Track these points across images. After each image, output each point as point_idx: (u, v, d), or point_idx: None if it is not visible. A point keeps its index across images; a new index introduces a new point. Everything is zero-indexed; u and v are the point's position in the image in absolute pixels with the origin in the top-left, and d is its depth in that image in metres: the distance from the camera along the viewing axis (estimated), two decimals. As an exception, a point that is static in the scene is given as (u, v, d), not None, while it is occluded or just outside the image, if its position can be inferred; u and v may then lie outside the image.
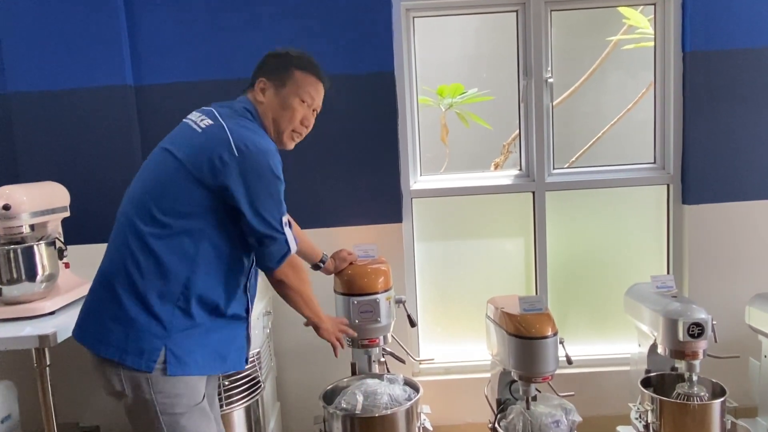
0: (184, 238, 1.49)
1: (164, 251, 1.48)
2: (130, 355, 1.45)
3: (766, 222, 2.69)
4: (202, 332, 1.54)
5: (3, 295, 1.98)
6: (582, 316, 2.90)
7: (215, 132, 1.51)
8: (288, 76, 1.65)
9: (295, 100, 1.65)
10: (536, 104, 2.72)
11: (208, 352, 1.56)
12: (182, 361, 1.47)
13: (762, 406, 2.46)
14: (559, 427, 2.11)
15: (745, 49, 2.59)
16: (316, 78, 1.70)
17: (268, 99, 1.65)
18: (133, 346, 1.45)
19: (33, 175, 2.42)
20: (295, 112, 1.65)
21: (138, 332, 1.46)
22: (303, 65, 1.68)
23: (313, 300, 1.76)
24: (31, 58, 2.48)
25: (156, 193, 1.51)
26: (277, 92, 1.64)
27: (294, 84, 1.65)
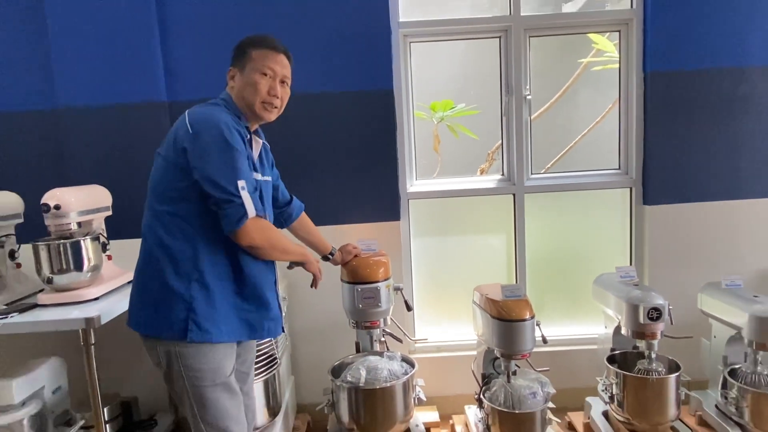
0: (179, 220, 1.52)
1: (168, 237, 1.52)
2: (160, 329, 1.52)
3: (715, 220, 2.72)
4: (222, 301, 1.54)
5: (54, 283, 2.00)
6: (556, 302, 2.94)
7: (179, 120, 1.55)
8: (247, 58, 1.60)
9: (256, 75, 1.59)
10: (516, 118, 2.76)
11: (232, 320, 1.56)
12: (203, 329, 1.49)
13: (712, 380, 2.49)
14: (536, 398, 2.15)
15: (698, 70, 2.62)
16: (271, 50, 1.62)
17: (237, 82, 1.62)
18: (162, 321, 1.51)
19: (80, 178, 2.44)
20: (258, 85, 1.58)
21: (165, 309, 1.51)
22: (257, 43, 1.62)
23: (290, 247, 1.67)
24: (78, 77, 2.48)
25: (153, 190, 1.57)
26: (241, 74, 1.61)
27: (252, 62, 1.59)
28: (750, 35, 2.61)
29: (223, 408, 1.54)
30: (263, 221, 1.55)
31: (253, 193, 1.52)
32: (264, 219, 1.55)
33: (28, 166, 2.61)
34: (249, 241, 1.50)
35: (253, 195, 1.51)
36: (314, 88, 2.59)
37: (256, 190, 1.55)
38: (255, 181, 1.57)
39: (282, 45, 1.66)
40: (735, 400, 2.26)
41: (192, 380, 1.52)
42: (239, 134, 1.52)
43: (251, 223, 1.48)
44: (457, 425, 2.55)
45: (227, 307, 1.55)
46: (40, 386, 2.18)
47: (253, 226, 1.49)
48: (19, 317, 1.91)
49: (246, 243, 1.50)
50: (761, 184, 2.72)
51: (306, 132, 2.63)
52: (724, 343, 2.41)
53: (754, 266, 2.75)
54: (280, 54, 1.63)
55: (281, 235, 1.63)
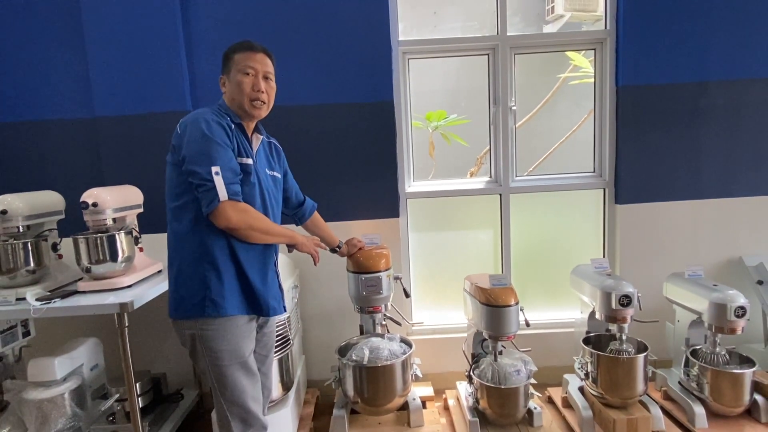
0: (186, 212, 1.50)
1: (180, 229, 1.52)
2: (183, 310, 1.51)
3: (679, 218, 2.71)
4: (230, 279, 1.52)
5: (92, 272, 2.00)
6: (537, 290, 2.92)
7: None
8: (231, 63, 1.57)
9: (239, 75, 1.55)
10: (503, 126, 2.74)
11: (239, 297, 1.54)
12: (217, 304, 1.48)
13: (675, 360, 2.50)
14: (519, 374, 2.16)
15: (665, 84, 2.60)
16: (249, 50, 1.57)
17: (227, 87, 1.59)
18: (183, 303, 1.51)
19: (115, 179, 2.46)
20: (242, 85, 1.54)
21: (184, 291, 1.51)
22: (236, 48, 1.58)
23: (275, 229, 1.59)
24: (113, 89, 2.47)
25: (166, 190, 1.56)
26: (229, 79, 1.58)
27: (235, 65, 1.56)
28: (709, 54, 2.60)
29: (240, 385, 1.52)
30: (240, 204, 1.47)
31: (234, 177, 1.47)
32: (241, 203, 1.48)
33: (69, 168, 2.60)
34: (225, 222, 1.44)
35: (233, 179, 1.46)
36: (324, 100, 2.59)
37: (238, 175, 1.49)
38: (239, 168, 1.51)
39: (260, 45, 1.60)
40: (696, 377, 2.27)
41: (213, 360, 1.50)
42: (221, 127, 1.48)
43: (225, 206, 1.42)
44: (449, 399, 2.55)
45: (234, 285, 1.54)
46: (80, 364, 2.20)
47: (227, 207, 1.43)
48: (61, 302, 1.90)
49: (222, 224, 1.45)
50: (719, 186, 2.70)
51: (317, 139, 2.62)
52: (686, 326, 2.40)
53: (713, 258, 2.74)
54: (258, 53, 1.58)
55: (262, 218, 1.54)
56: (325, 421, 2.32)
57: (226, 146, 1.47)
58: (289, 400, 2.16)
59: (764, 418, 2.17)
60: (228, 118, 1.54)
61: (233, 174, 1.47)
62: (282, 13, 2.50)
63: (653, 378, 2.42)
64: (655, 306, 2.51)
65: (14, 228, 2.00)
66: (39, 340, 2.33)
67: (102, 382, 2.30)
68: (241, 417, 1.52)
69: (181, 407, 2.41)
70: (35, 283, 2.02)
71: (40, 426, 2.03)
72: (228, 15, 2.49)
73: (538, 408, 2.20)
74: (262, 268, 1.60)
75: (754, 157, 2.65)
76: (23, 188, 2.20)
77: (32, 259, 2.02)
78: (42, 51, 2.52)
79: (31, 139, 2.57)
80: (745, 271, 2.64)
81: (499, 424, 2.20)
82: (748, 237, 2.70)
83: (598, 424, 2.21)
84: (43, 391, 2.02)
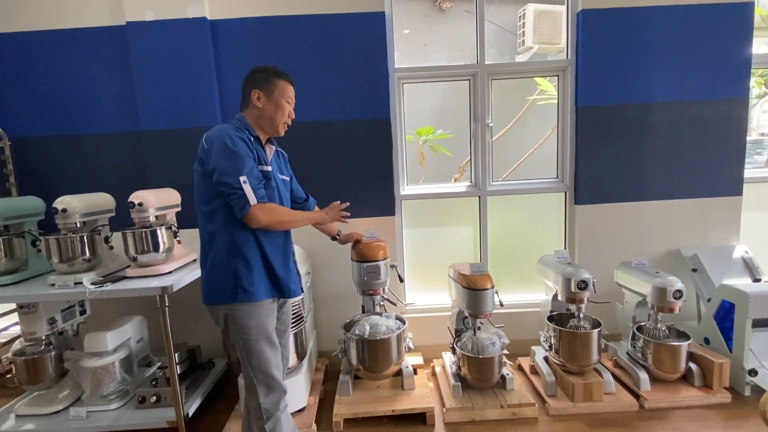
0: (216, 214, 1.50)
1: (212, 228, 1.51)
2: (217, 297, 1.51)
3: (627, 216, 2.70)
4: (258, 270, 1.51)
5: (137, 261, 2.03)
6: (510, 276, 2.92)
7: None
8: (274, 85, 1.55)
9: (282, 102, 1.56)
10: (481, 140, 2.74)
11: (266, 283, 1.54)
12: (248, 291, 1.48)
13: (624, 334, 2.52)
14: (494, 346, 2.18)
15: (616, 105, 2.61)
16: (291, 84, 1.61)
17: (264, 104, 1.55)
18: (217, 291, 1.50)
19: (157, 183, 2.46)
20: (284, 110, 1.57)
21: (218, 281, 1.50)
22: (282, 75, 1.58)
23: (297, 216, 1.60)
24: (155, 108, 2.47)
25: (195, 195, 1.54)
26: (268, 98, 1.55)
27: (279, 90, 1.56)
28: (653, 80, 2.61)
29: (265, 356, 1.53)
30: (267, 204, 1.48)
31: (258, 183, 1.48)
32: (267, 203, 1.49)
33: (118, 173, 2.60)
34: (257, 223, 1.46)
35: (258, 186, 1.47)
36: (332, 117, 2.58)
37: (261, 181, 1.50)
38: (261, 175, 1.51)
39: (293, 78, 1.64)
40: (641, 348, 2.29)
41: (242, 335, 1.51)
42: (243, 141, 1.48)
43: (255, 209, 1.44)
44: (436, 367, 2.56)
45: (262, 274, 1.53)
46: (127, 337, 2.22)
47: (257, 210, 1.44)
48: (112, 286, 1.93)
49: (255, 225, 1.47)
50: (661, 190, 2.71)
51: (326, 149, 2.61)
52: (633, 306, 2.43)
53: (656, 250, 2.75)
54: (293, 85, 1.63)
55: (286, 211, 1.58)
56: (333, 385, 2.34)
57: (249, 157, 1.46)
58: (303, 368, 2.18)
59: (697, 383, 2.20)
60: (247, 132, 1.52)
61: (257, 180, 1.47)
62: (297, 44, 2.50)
63: (605, 349, 2.44)
64: (608, 289, 2.54)
65: (72, 224, 2.02)
66: (93, 318, 2.35)
67: (146, 353, 2.32)
68: (265, 382, 1.53)
69: (212, 374, 2.43)
70: (90, 270, 2.05)
71: (95, 389, 2.07)
72: (252, 47, 2.50)
73: (510, 374, 2.23)
74: (284, 258, 1.60)
75: (690, 166, 2.66)
76: (80, 191, 2.21)
77: (88, 249, 2.04)
78: (95, 75, 2.52)
79: (87, 149, 2.57)
80: (682, 261, 2.67)
81: (477, 388, 2.23)
82: (684, 232, 2.71)
83: (559, 387, 2.24)
84: (97, 359, 2.05)
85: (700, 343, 2.46)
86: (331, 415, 2.10)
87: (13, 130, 2.55)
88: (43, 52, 2.51)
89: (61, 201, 2.02)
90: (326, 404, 2.27)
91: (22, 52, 2.51)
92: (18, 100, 2.54)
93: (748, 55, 2.59)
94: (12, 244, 2.10)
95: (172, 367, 1.95)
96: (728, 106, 2.63)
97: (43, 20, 2.49)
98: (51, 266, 2.10)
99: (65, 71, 2.53)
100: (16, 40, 2.50)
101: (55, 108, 2.55)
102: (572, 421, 2.07)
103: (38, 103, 2.54)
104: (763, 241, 2.84)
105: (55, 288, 1.94)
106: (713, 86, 2.61)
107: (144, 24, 2.41)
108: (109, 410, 2.10)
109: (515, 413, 2.10)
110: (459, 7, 3.08)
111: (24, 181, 2.57)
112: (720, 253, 2.65)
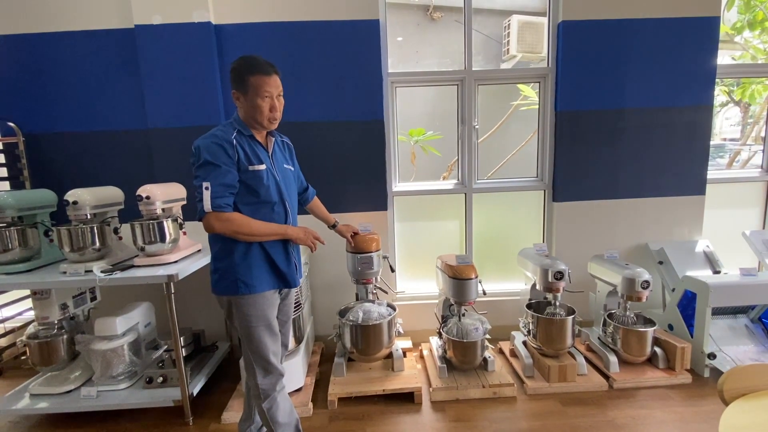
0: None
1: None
2: (222, 289, 1.46)
3: (601, 212, 2.70)
4: (258, 264, 1.46)
5: (145, 250, 2.01)
6: (492, 266, 2.92)
7: None
8: (247, 83, 1.39)
9: (257, 99, 1.40)
10: (468, 141, 2.73)
11: (266, 276, 1.49)
12: (248, 284, 1.44)
13: (596, 320, 2.54)
14: (477, 331, 2.18)
15: (591, 110, 2.58)
16: (265, 75, 1.39)
17: (242, 104, 1.43)
18: (222, 283, 1.46)
19: (164, 177, 2.44)
20: (261, 108, 1.41)
21: (221, 273, 1.46)
22: (251, 70, 1.39)
23: (262, 229, 1.42)
24: (162, 107, 2.42)
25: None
26: (244, 98, 1.41)
27: (252, 88, 1.39)
28: (626, 88, 2.60)
29: (263, 342, 1.49)
30: (224, 214, 1.36)
31: (224, 191, 1.36)
32: (225, 213, 1.36)
33: (127, 168, 2.56)
34: (209, 229, 1.38)
35: (221, 193, 1.35)
36: (329, 118, 2.55)
37: (229, 188, 1.37)
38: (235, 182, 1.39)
39: (272, 66, 1.42)
40: (611, 334, 2.30)
41: (244, 322, 1.47)
42: (220, 147, 1.36)
43: (209, 216, 1.35)
44: (424, 350, 2.56)
45: (263, 267, 1.48)
46: (136, 322, 2.20)
47: (211, 218, 1.35)
48: (121, 274, 1.90)
49: (209, 231, 1.39)
50: (632, 189, 2.70)
51: (324, 148, 2.58)
52: (605, 295, 2.44)
53: (626, 244, 2.75)
54: (272, 76, 1.41)
55: (248, 223, 1.40)
56: (328, 367, 2.33)
57: (221, 164, 1.35)
58: (301, 351, 2.17)
59: (661, 365, 2.23)
60: (236, 133, 1.42)
61: (224, 188, 1.35)
62: (297, 49, 2.47)
63: (579, 334, 2.46)
64: (581, 280, 2.57)
65: (83, 215, 1.99)
66: (103, 303, 2.33)
67: (153, 336, 2.30)
68: (263, 366, 1.50)
69: (215, 356, 2.41)
70: (100, 259, 2.02)
71: (105, 370, 2.05)
72: (254, 50, 2.42)
73: (492, 357, 2.24)
74: (285, 252, 1.53)
75: (658, 167, 2.67)
76: (91, 184, 2.18)
77: (98, 239, 2.01)
78: (105, 75, 2.47)
79: (98, 145, 2.53)
80: (649, 254, 2.69)
81: (461, 369, 2.23)
82: (652, 228, 2.72)
83: (536, 369, 2.26)
84: (107, 343, 2.03)
85: (665, 329, 2.48)
86: (327, 395, 2.10)
87: (27, 126, 2.50)
88: (56, 53, 2.45)
89: (72, 194, 1.99)
90: (322, 384, 2.27)
91: (36, 52, 2.45)
92: (32, 98, 2.48)
93: (713, 66, 2.60)
94: (26, 234, 2.06)
95: (177, 349, 1.95)
96: (694, 113, 2.63)
97: (56, 22, 2.43)
98: (63, 255, 2.07)
99: (77, 71, 2.48)
100: (30, 41, 2.44)
101: (67, 106, 2.50)
102: (548, 399, 2.09)
103: (51, 101, 2.49)
104: (723, 237, 2.87)
105: (66, 275, 1.91)
106: (681, 94, 2.61)
107: (152, 27, 2.36)
108: (118, 390, 2.09)
109: (496, 392, 2.11)
110: (449, 17, 3.06)
111: (37, 174, 2.53)
112: (684, 247, 2.67)
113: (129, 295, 2.43)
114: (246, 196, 1.43)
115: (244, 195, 1.42)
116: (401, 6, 2.99)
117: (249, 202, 1.43)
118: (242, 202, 1.43)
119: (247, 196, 1.43)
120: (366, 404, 2.08)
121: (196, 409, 2.08)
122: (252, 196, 1.43)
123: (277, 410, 1.52)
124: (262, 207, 1.45)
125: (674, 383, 2.17)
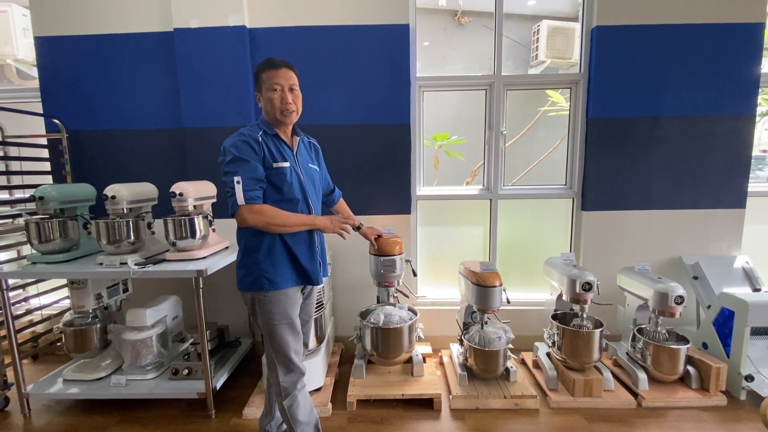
0: None
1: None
2: (247, 285, 1.47)
3: (632, 223, 2.62)
4: (282, 262, 1.47)
5: (176, 245, 2.04)
6: (517, 275, 2.87)
7: None
8: (260, 81, 1.45)
9: (268, 92, 1.44)
10: (495, 146, 2.70)
11: (290, 273, 1.49)
12: (272, 281, 1.45)
13: (624, 335, 2.45)
14: (500, 340, 2.14)
15: (625, 118, 2.53)
16: (273, 68, 1.43)
17: (262, 103, 1.48)
18: (247, 280, 1.47)
19: (196, 175, 2.49)
20: (272, 101, 1.43)
21: (246, 270, 1.47)
22: (263, 67, 1.44)
23: (293, 220, 1.43)
24: (196, 107, 2.47)
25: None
26: (261, 96, 1.47)
27: (263, 83, 1.44)
28: (662, 95, 2.53)
29: (285, 340, 1.49)
30: (256, 206, 1.38)
31: (254, 185, 1.38)
32: (257, 205, 1.38)
33: (162, 166, 2.61)
34: (243, 223, 1.39)
35: (252, 187, 1.37)
36: (357, 121, 2.55)
37: (259, 183, 1.40)
38: (265, 176, 1.41)
39: (281, 60, 1.45)
40: (641, 350, 2.22)
41: (266, 319, 1.48)
42: (247, 144, 1.39)
43: (242, 209, 1.36)
44: (444, 356, 2.53)
45: (286, 264, 1.48)
46: (164, 315, 2.24)
47: (244, 210, 1.36)
48: (153, 267, 1.94)
49: (240, 224, 1.40)
50: (666, 200, 2.62)
51: (350, 151, 2.59)
52: (634, 309, 2.36)
53: (658, 257, 2.67)
54: (281, 68, 1.43)
55: (279, 215, 1.41)
56: (348, 368, 2.33)
57: (250, 160, 1.38)
58: (321, 351, 2.18)
59: (694, 385, 2.12)
60: (264, 131, 1.46)
61: (255, 182, 1.38)
62: (327, 53, 2.49)
63: (606, 348, 2.40)
64: (610, 292, 2.50)
65: (120, 210, 2.04)
66: (134, 295, 2.38)
67: (180, 330, 2.34)
68: (284, 364, 1.50)
69: (238, 351, 2.44)
70: (134, 252, 2.07)
71: (134, 359, 2.09)
72: (286, 53, 2.47)
73: (514, 367, 2.19)
74: (309, 249, 1.53)
75: (694, 178, 2.57)
76: (128, 180, 2.25)
77: (132, 233, 2.06)
78: (144, 76, 2.54)
79: (135, 143, 2.59)
80: (683, 269, 2.59)
81: (482, 378, 2.19)
82: (687, 241, 2.63)
83: (560, 382, 2.19)
84: (137, 333, 2.08)
85: (698, 348, 2.37)
86: (346, 396, 2.09)
87: (71, 124, 2.60)
88: (99, 54, 2.55)
89: (110, 189, 2.05)
90: (341, 385, 2.26)
91: (81, 53, 2.55)
92: (75, 98, 2.58)
93: (757, 74, 2.48)
94: (66, 225, 2.13)
95: (203, 343, 1.97)
96: (735, 122, 2.52)
97: (99, 25, 2.53)
98: (99, 247, 2.14)
99: (118, 72, 2.56)
100: (75, 43, 2.54)
101: (108, 105, 2.59)
102: (572, 414, 2.02)
103: (94, 100, 2.59)
104: (763, 253, 2.74)
105: (102, 267, 1.97)
106: (721, 102, 2.51)
107: (189, 30, 2.42)
108: (146, 380, 2.13)
109: (517, 404, 2.05)
110: (477, 22, 3.03)
111: (78, 169, 2.62)
112: (721, 262, 2.55)
113: (159, 288, 2.49)
114: (270, 193, 1.44)
115: (268, 192, 1.44)
116: (429, 11, 2.97)
117: (273, 199, 1.44)
118: (267, 199, 1.44)
119: (272, 193, 1.44)
120: (385, 408, 2.07)
121: (218, 403, 2.10)
122: (276, 193, 1.45)
123: (298, 408, 1.52)
124: (285, 204, 1.46)
125: (708, 405, 2.06)
